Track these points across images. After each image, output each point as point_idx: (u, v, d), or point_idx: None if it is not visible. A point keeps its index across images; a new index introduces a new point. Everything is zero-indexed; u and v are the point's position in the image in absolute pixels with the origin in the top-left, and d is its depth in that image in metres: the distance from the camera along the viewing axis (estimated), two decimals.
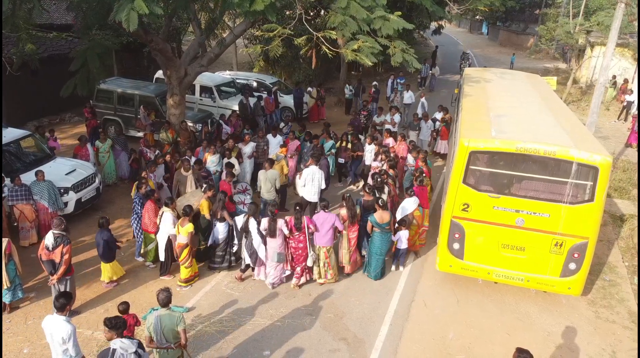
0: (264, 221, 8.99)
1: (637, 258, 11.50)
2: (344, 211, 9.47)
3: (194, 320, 8.44)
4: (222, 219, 9.42)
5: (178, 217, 9.19)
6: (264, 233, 9.01)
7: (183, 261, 9.08)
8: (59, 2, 7.62)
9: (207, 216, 9.58)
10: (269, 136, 13.37)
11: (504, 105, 10.68)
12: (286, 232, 9.01)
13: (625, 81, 24.46)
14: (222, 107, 18.28)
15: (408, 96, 19.05)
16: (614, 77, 24.69)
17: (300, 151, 13.06)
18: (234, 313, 8.63)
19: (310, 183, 10.58)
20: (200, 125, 16.33)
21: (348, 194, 9.82)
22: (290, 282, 9.45)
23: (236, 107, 17.89)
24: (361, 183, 13.49)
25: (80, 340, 6.83)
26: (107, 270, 9.34)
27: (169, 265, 9.60)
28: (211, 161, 12.04)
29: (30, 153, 12.20)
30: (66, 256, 8.06)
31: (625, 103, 21.90)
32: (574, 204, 8.14)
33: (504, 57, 36.12)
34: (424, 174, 11.10)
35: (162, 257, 9.50)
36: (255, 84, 20.58)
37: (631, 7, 15.76)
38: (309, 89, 20.10)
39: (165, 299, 6.35)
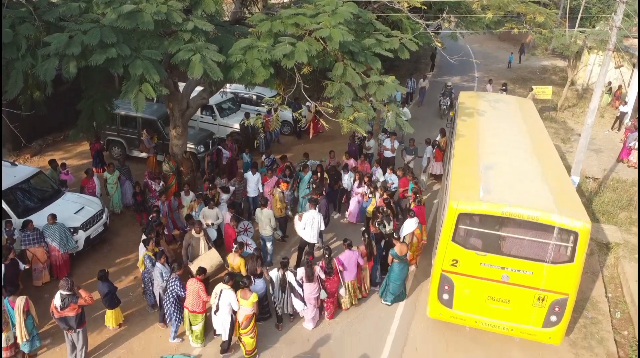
0: (301, 270, 9.61)
1: (620, 289, 12.14)
2: (362, 248, 10.41)
3: None
4: (261, 275, 9.63)
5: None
6: (301, 281, 9.60)
7: (248, 332, 9.02)
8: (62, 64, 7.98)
9: (244, 272, 9.87)
10: (248, 174, 13.54)
11: (493, 150, 11.12)
12: (323, 277, 9.74)
13: (620, 87, 24.78)
14: (222, 126, 18.70)
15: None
16: (610, 83, 24.98)
17: (278, 184, 13.10)
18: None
19: (310, 226, 11.12)
20: (202, 147, 16.79)
21: (366, 234, 10.65)
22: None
23: (237, 126, 18.33)
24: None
25: None
26: (110, 316, 9.95)
27: (231, 342, 9.51)
28: (199, 208, 12.05)
29: (40, 189, 12.65)
30: (82, 303, 8.65)
31: (619, 113, 22.26)
32: (555, 264, 8.71)
33: (502, 54, 36.29)
34: (420, 195, 12.34)
35: (225, 336, 9.31)
36: (255, 97, 20.97)
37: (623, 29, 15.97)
38: (307, 103, 20.42)
39: None
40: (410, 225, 11.18)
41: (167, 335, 9.86)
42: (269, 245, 11.96)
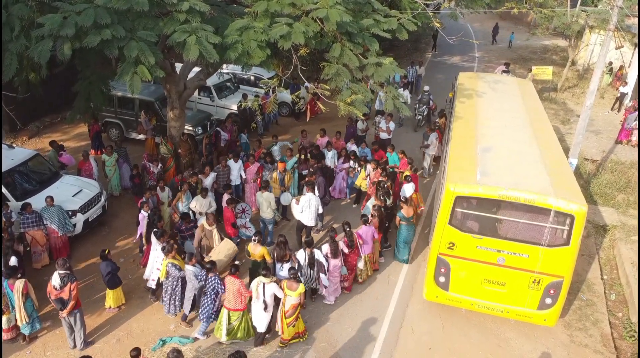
0: (325, 247, 9.84)
1: (615, 271, 12.22)
2: (375, 221, 10.78)
3: (198, 350, 9.17)
4: (289, 260, 9.58)
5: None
6: (326, 257, 9.80)
7: (291, 323, 8.96)
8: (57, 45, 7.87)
9: (269, 260, 9.83)
10: (230, 162, 13.34)
11: (491, 132, 11.08)
12: (347, 251, 10.03)
13: (621, 67, 24.58)
14: (220, 107, 18.61)
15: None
16: (610, 63, 24.77)
17: (261, 172, 13.15)
18: (236, 343, 9.35)
19: (307, 209, 11.15)
20: (200, 129, 16.72)
21: (377, 207, 10.97)
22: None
23: (235, 107, 18.23)
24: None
25: None
26: (111, 297, 10.02)
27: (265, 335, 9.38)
28: (186, 198, 11.76)
29: (38, 172, 12.61)
30: (74, 293, 8.68)
31: (619, 94, 22.13)
32: (551, 247, 8.75)
33: (503, 33, 35.82)
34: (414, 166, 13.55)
35: (262, 328, 9.13)
36: (252, 78, 20.82)
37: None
38: (306, 84, 20.27)
39: None
40: (408, 189, 11.96)
41: (166, 318, 9.94)
42: (269, 227, 12.04)
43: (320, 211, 11.48)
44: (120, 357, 9.04)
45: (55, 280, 8.65)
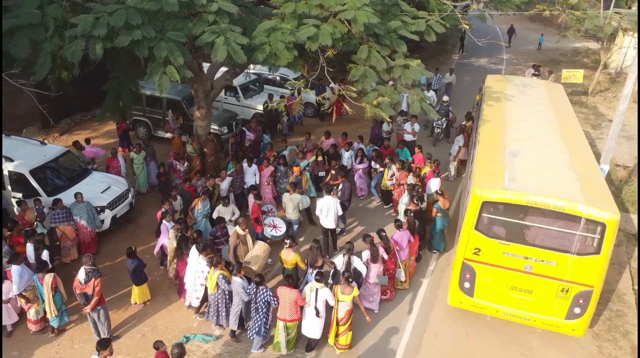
0: (365, 253, 9.59)
1: None
2: (405, 227, 10.54)
3: (222, 348, 9.24)
4: (321, 267, 9.40)
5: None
6: (367, 263, 9.60)
7: (347, 329, 8.92)
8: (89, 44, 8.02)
9: (303, 266, 9.76)
10: (244, 165, 13.29)
11: (520, 136, 10.87)
12: (386, 256, 9.86)
13: None
14: (246, 107, 18.72)
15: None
16: None
17: (274, 175, 13.13)
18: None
19: (325, 212, 11.12)
20: (225, 128, 16.85)
21: (411, 213, 10.76)
22: None
23: (260, 107, 18.32)
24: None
25: None
26: (136, 293, 10.19)
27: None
28: (203, 206, 11.53)
29: (68, 168, 12.87)
30: (97, 288, 8.79)
31: None
32: (580, 255, 8.54)
33: (532, 35, 35.33)
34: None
35: (318, 335, 8.96)
36: (278, 78, 20.89)
37: None
38: (332, 85, 20.22)
39: (178, 354, 7.23)
40: (434, 184, 12.22)
41: (189, 313, 10.06)
42: (295, 227, 12.08)
43: (340, 213, 11.39)
44: (145, 352, 9.16)
45: (81, 274, 8.82)
